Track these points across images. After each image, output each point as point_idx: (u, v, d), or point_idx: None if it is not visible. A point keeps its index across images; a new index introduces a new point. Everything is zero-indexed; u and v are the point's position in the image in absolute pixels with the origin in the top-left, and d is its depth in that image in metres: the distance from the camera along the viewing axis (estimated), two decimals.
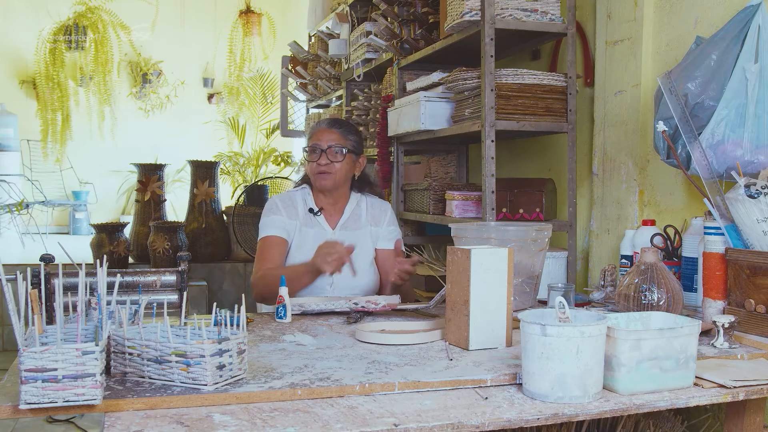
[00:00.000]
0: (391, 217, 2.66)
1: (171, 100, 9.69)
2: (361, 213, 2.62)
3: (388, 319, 2.13)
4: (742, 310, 1.87)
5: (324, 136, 2.54)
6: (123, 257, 5.10)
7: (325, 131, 2.54)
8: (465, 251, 1.76)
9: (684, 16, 2.52)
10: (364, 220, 2.61)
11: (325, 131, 2.54)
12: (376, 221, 2.62)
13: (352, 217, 2.60)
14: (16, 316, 1.30)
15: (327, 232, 2.54)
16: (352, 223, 2.59)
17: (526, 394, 1.43)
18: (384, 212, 2.65)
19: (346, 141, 2.54)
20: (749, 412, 1.80)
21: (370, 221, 2.61)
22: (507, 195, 2.84)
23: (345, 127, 2.60)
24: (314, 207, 2.57)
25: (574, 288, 2.23)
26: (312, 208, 2.57)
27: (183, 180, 9.06)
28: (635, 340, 1.44)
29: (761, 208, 1.86)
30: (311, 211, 2.56)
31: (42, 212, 8.29)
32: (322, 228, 2.55)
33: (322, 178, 2.52)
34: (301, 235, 2.53)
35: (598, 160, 2.90)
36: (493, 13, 2.61)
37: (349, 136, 2.57)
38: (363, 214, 2.62)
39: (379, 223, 2.62)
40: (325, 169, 2.50)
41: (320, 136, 2.54)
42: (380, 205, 2.67)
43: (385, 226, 2.63)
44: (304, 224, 2.54)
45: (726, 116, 2.06)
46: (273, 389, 1.41)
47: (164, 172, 5.64)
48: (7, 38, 9.07)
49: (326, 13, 4.83)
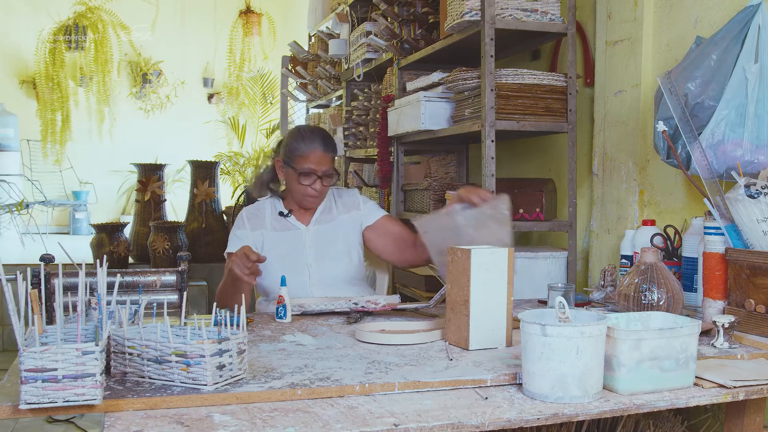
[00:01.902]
0: (363, 198, 2.65)
1: (171, 100, 9.70)
2: (332, 205, 2.60)
3: (388, 319, 2.13)
4: (742, 310, 1.87)
5: (321, 160, 2.47)
6: (123, 257, 5.10)
7: (321, 156, 2.47)
8: (465, 251, 1.76)
9: (684, 16, 2.52)
10: (336, 211, 2.59)
11: (321, 156, 2.47)
12: (349, 207, 2.60)
13: (324, 210, 2.58)
14: (16, 316, 1.30)
15: (302, 230, 2.53)
16: (325, 216, 2.57)
17: (526, 394, 1.43)
18: (354, 197, 2.64)
19: (334, 162, 2.54)
20: (749, 412, 1.80)
21: (342, 210, 2.59)
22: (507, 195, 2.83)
23: (334, 147, 2.55)
24: (284, 210, 2.56)
25: (574, 288, 2.23)
26: (281, 211, 2.55)
27: (183, 180, 9.06)
28: (635, 340, 1.44)
29: (761, 208, 1.86)
30: (281, 215, 2.55)
31: (42, 212, 8.29)
32: (296, 227, 2.54)
33: (311, 202, 2.51)
34: (272, 240, 2.51)
35: (598, 160, 2.90)
36: (493, 13, 2.61)
37: (335, 156, 2.57)
38: (333, 206, 2.60)
39: (355, 207, 2.60)
40: (318, 193, 2.48)
41: (316, 160, 2.47)
42: (347, 193, 2.67)
43: (362, 206, 2.61)
44: (274, 229, 2.53)
45: (726, 116, 2.07)
46: (273, 389, 1.41)
47: (164, 172, 5.65)
48: (8, 38, 9.08)
49: (326, 13, 4.83)
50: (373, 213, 2.61)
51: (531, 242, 3.48)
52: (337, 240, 2.54)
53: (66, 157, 9.00)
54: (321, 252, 2.51)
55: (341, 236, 2.55)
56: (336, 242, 2.53)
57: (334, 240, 2.53)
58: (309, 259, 2.50)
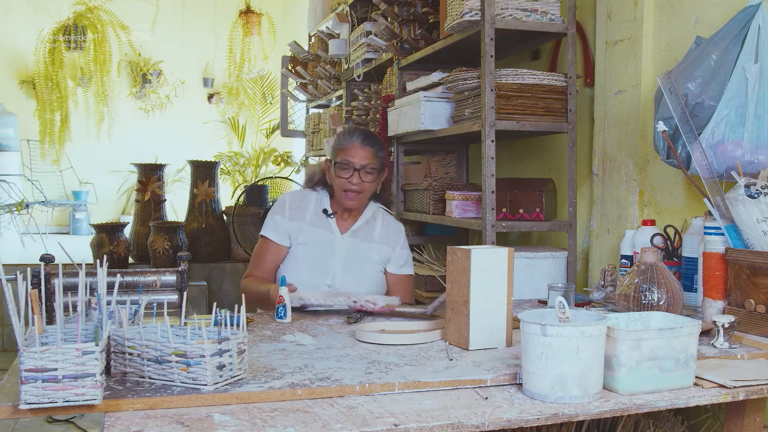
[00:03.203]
0: (404, 241, 2.61)
1: (171, 100, 9.70)
2: (375, 227, 2.56)
3: (388, 319, 2.13)
4: (742, 310, 1.87)
5: (358, 153, 2.44)
6: (123, 257, 5.10)
7: (359, 148, 2.45)
8: (465, 251, 1.76)
9: (684, 16, 2.52)
10: (377, 235, 2.55)
11: (359, 148, 2.45)
12: (390, 243, 2.56)
13: (365, 227, 2.54)
14: (16, 316, 1.30)
15: (336, 236, 2.49)
16: (363, 233, 2.53)
17: (526, 394, 1.43)
18: (398, 235, 2.59)
19: (377, 159, 2.47)
20: (749, 412, 1.80)
21: (382, 240, 2.55)
22: (507, 195, 2.84)
23: (377, 144, 2.51)
24: (329, 209, 2.52)
25: (574, 288, 2.23)
26: (326, 209, 2.51)
27: (183, 180, 9.06)
28: (635, 340, 1.44)
29: (761, 208, 1.86)
30: (325, 212, 2.51)
31: (42, 212, 8.29)
32: (331, 231, 2.50)
33: (349, 198, 2.45)
34: (308, 235, 2.48)
35: (598, 160, 2.90)
36: (493, 13, 2.61)
37: (380, 153, 2.50)
38: (377, 229, 2.56)
39: (393, 246, 2.56)
40: (356, 188, 2.43)
41: (354, 152, 2.44)
42: (396, 227, 2.61)
43: (399, 249, 2.57)
44: (312, 224, 2.49)
45: (726, 116, 2.07)
46: (273, 389, 1.41)
47: (164, 172, 5.64)
48: (7, 38, 9.08)
49: (326, 13, 4.83)
50: (398, 264, 2.57)
51: (531, 242, 3.48)
52: (368, 261, 2.51)
53: (66, 157, 9.00)
54: (349, 266, 2.48)
55: (373, 259, 2.52)
56: (366, 263, 2.50)
57: (365, 260, 2.50)
58: (335, 269, 2.46)
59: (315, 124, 5.26)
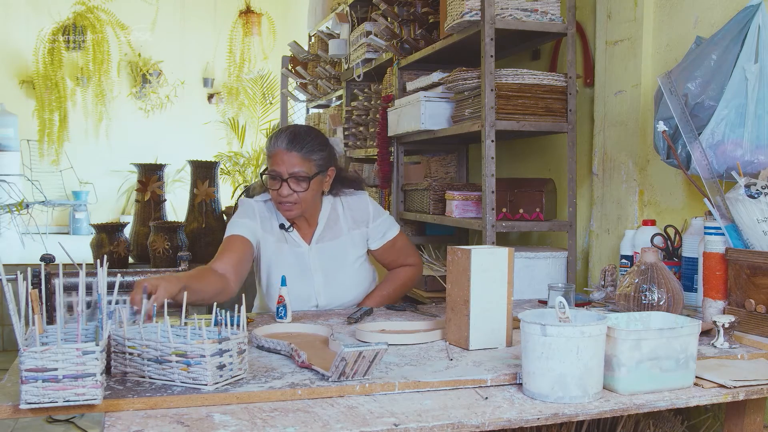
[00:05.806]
0: (374, 211, 2.38)
1: (171, 100, 9.70)
2: (338, 217, 2.35)
3: (388, 319, 2.13)
4: (742, 310, 1.87)
5: (284, 160, 2.16)
6: (123, 257, 5.10)
7: (284, 153, 2.16)
8: (465, 251, 1.76)
9: (684, 16, 2.52)
10: (343, 224, 2.35)
11: (284, 153, 2.16)
12: (359, 222, 2.36)
13: (328, 225, 2.34)
14: (16, 316, 1.30)
15: (303, 248, 2.31)
16: (329, 232, 2.33)
17: (526, 394, 1.43)
18: (365, 210, 2.37)
19: (310, 163, 2.19)
20: (749, 412, 1.80)
21: (350, 225, 2.35)
22: (507, 195, 2.84)
23: (308, 144, 2.20)
24: (285, 222, 2.30)
25: (574, 288, 2.23)
26: (282, 224, 2.30)
27: (183, 180, 9.06)
28: (635, 340, 1.44)
29: (761, 208, 1.86)
30: (282, 227, 2.30)
31: (42, 212, 8.29)
32: (297, 245, 2.31)
33: (285, 209, 2.22)
34: (277, 252, 2.29)
35: (598, 160, 2.90)
36: (493, 13, 2.61)
37: (313, 156, 2.20)
38: (340, 218, 2.35)
39: (365, 223, 2.37)
40: (288, 199, 2.19)
41: (279, 159, 2.17)
42: (358, 203, 2.38)
43: (371, 223, 2.37)
44: (278, 240, 2.30)
45: (726, 116, 2.07)
46: (273, 389, 1.41)
47: (164, 172, 5.64)
48: (7, 38, 9.08)
49: (326, 13, 4.83)
50: (380, 236, 2.39)
51: (531, 242, 3.48)
52: (345, 263, 2.34)
53: (66, 157, 9.00)
54: (328, 278, 2.32)
55: (350, 252, 2.35)
56: (343, 266, 2.34)
57: (342, 263, 2.33)
58: (317, 286, 2.31)
59: (315, 124, 5.26)
